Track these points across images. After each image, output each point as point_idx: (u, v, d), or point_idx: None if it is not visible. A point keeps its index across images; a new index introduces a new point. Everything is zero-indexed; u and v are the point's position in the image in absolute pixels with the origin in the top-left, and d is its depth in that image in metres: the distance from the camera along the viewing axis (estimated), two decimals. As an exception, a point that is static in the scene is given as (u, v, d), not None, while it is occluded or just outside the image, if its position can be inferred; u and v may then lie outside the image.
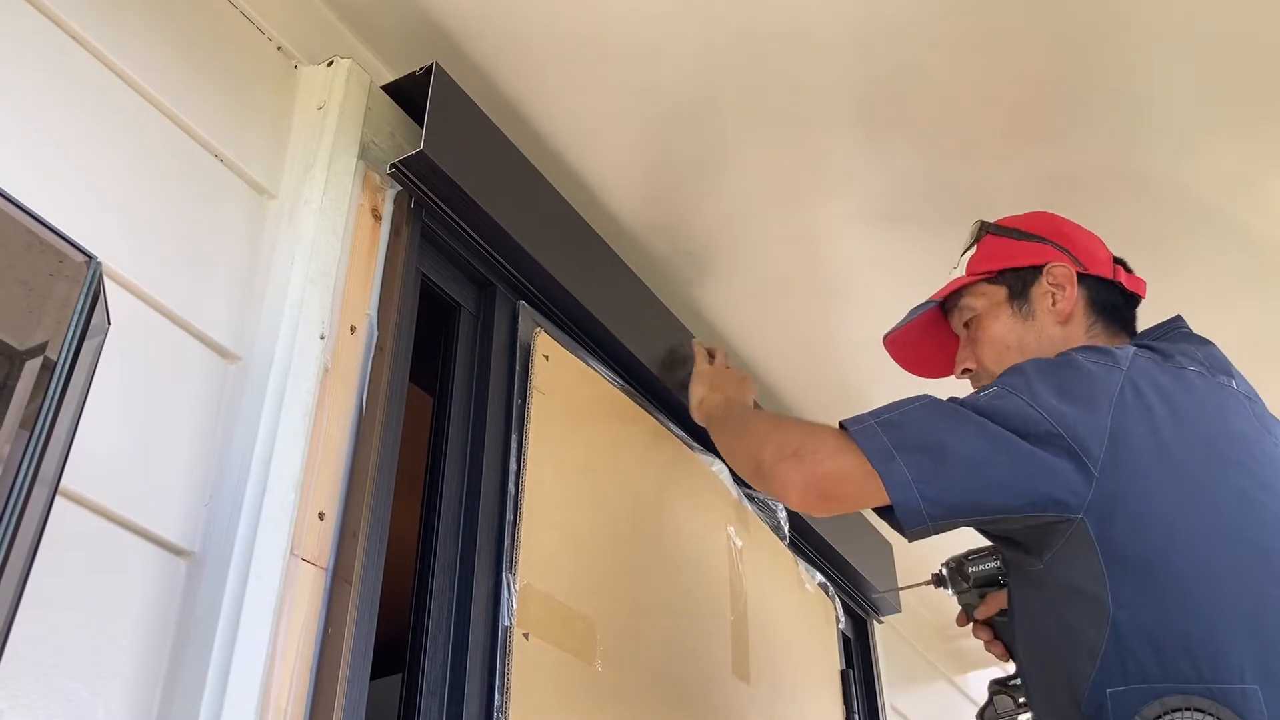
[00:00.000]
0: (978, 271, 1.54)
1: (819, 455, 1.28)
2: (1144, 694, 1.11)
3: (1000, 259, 1.53)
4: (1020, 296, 1.50)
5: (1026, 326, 1.48)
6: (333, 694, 1.19)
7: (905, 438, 1.23)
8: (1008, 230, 1.57)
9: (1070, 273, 1.48)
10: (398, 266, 1.54)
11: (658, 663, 1.77)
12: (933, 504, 1.20)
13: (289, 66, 1.59)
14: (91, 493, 1.10)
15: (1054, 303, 1.47)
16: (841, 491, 1.27)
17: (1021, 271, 1.51)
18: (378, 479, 1.38)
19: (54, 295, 0.90)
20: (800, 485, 1.29)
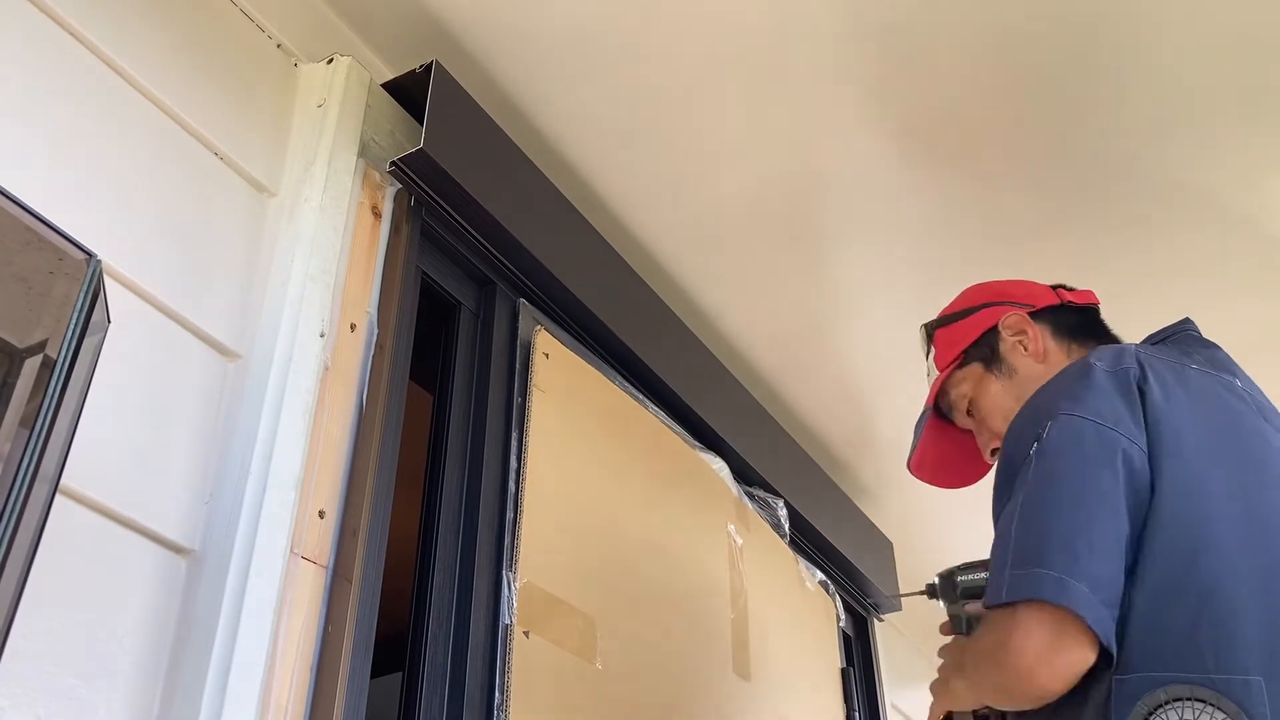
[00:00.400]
0: (946, 363, 1.60)
1: (1015, 638, 1.16)
2: (1148, 682, 1.11)
3: (957, 343, 1.60)
4: (994, 361, 1.55)
5: (1015, 382, 1.52)
6: (333, 691, 1.19)
7: (1040, 556, 1.16)
8: (949, 318, 1.64)
9: (1021, 316, 1.54)
10: (398, 264, 1.54)
11: (658, 660, 1.77)
12: (1093, 591, 1.15)
13: (289, 64, 1.59)
14: (92, 490, 1.10)
15: (1025, 349, 1.53)
16: (1058, 656, 1.14)
17: (981, 341, 1.57)
18: (378, 477, 1.38)
19: (54, 293, 0.90)
20: (1024, 676, 1.16)
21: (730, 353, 2.44)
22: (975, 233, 2.14)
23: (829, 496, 2.68)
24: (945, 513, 3.08)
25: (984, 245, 2.15)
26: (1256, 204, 2.07)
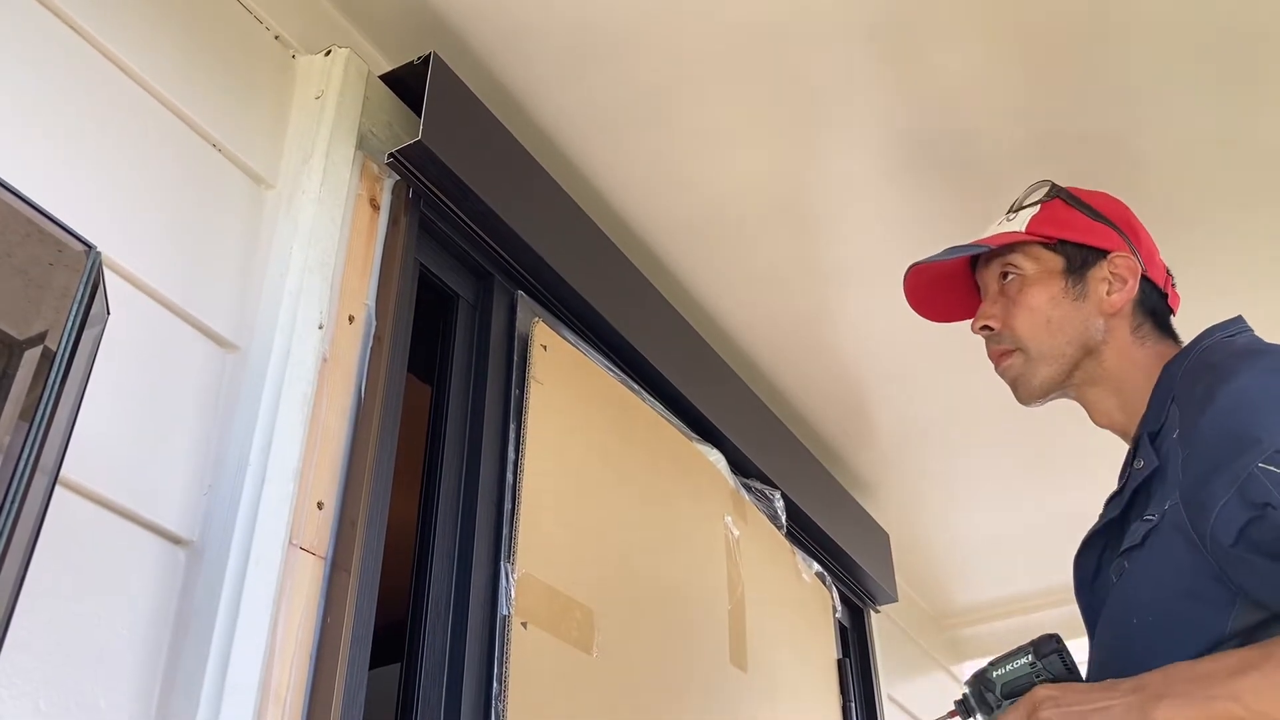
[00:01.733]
0: (1039, 233, 1.43)
1: None
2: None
3: (1066, 229, 1.43)
4: (1076, 274, 1.41)
5: (1073, 306, 1.40)
6: (332, 682, 1.20)
7: None
8: (1079, 202, 1.47)
9: (1135, 267, 1.40)
10: (396, 256, 1.54)
11: (655, 651, 1.77)
12: None
13: (287, 56, 1.59)
14: (91, 482, 1.10)
15: (1109, 292, 1.40)
16: None
17: (1084, 249, 1.42)
18: (376, 468, 1.38)
19: (53, 285, 0.90)
20: None
21: (728, 345, 2.44)
22: (974, 225, 2.14)
23: (826, 488, 2.69)
24: (941, 504, 3.09)
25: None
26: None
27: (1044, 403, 1.43)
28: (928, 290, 1.54)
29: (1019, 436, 2.72)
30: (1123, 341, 1.39)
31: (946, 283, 1.54)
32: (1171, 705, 1.08)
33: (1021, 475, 2.91)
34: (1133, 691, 1.12)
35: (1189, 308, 1.48)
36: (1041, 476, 2.88)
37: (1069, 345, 1.39)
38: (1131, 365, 1.37)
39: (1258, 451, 1.11)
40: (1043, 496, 2.98)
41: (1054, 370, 1.39)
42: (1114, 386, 1.37)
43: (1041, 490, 2.95)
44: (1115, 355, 1.38)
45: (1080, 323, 1.39)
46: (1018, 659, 1.26)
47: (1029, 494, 2.99)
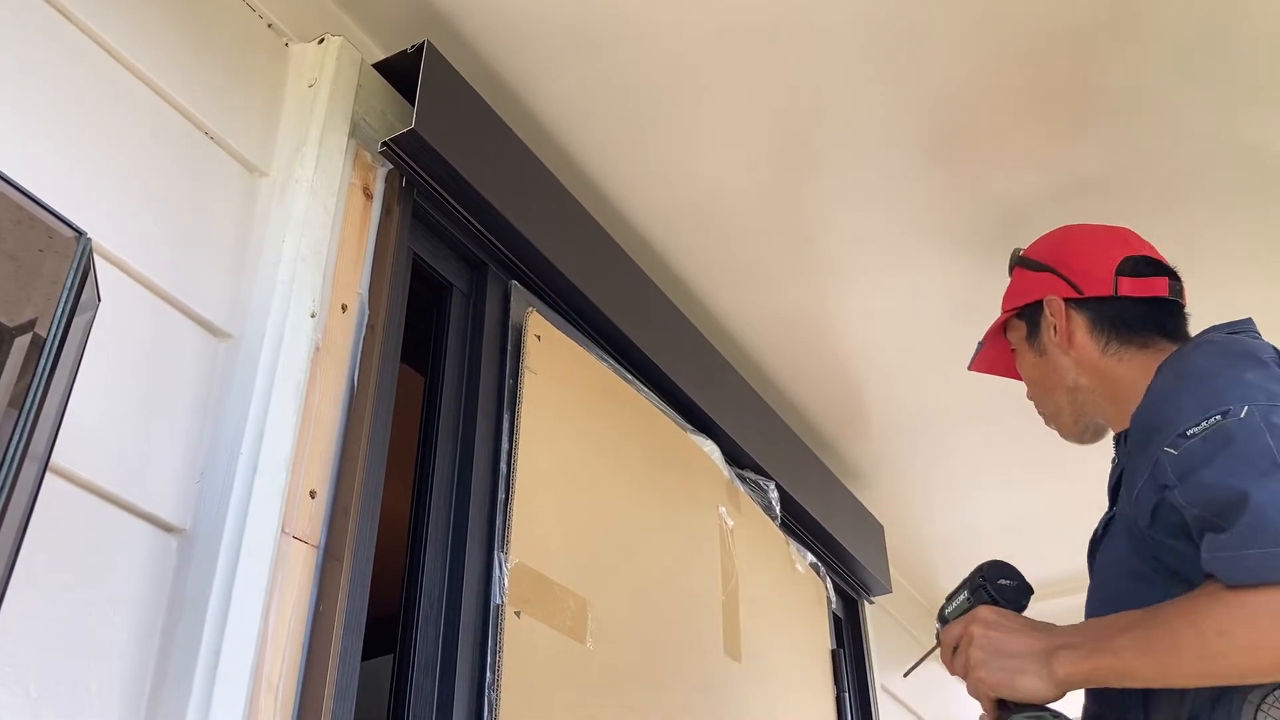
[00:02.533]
0: (1006, 309, 1.59)
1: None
2: None
3: (1015, 297, 1.58)
4: (1034, 334, 1.54)
5: (1043, 361, 1.52)
6: (324, 670, 1.20)
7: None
8: (1027, 261, 1.60)
9: (1058, 305, 1.50)
10: (389, 245, 1.54)
11: (649, 641, 1.77)
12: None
13: (280, 44, 1.58)
14: (82, 469, 1.10)
15: (1055, 334, 1.49)
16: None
17: (1030, 308, 1.55)
18: (369, 457, 1.38)
19: (43, 271, 0.89)
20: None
21: (722, 336, 2.44)
22: (970, 217, 2.14)
23: (820, 479, 2.69)
24: (936, 495, 3.09)
25: (977, 229, 2.16)
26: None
27: (1098, 439, 1.53)
28: (1000, 363, 1.68)
29: (1014, 427, 2.72)
30: (1096, 365, 1.46)
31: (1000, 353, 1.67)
32: (1068, 657, 1.22)
33: (1016, 466, 2.91)
34: (1045, 638, 1.25)
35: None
36: (1036, 467, 2.88)
37: (1059, 395, 1.50)
38: (1115, 382, 1.43)
39: (1166, 434, 1.18)
40: (1037, 487, 2.98)
41: (1064, 420, 1.52)
42: (1111, 402, 1.45)
43: (1036, 481, 2.96)
44: (1096, 380, 1.46)
45: (1054, 373, 1.50)
46: (958, 596, 1.42)
47: (1023, 485, 2.99)
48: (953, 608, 1.43)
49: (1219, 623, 1.10)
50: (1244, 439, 1.13)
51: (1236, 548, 1.09)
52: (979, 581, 1.41)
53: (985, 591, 1.39)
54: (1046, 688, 1.24)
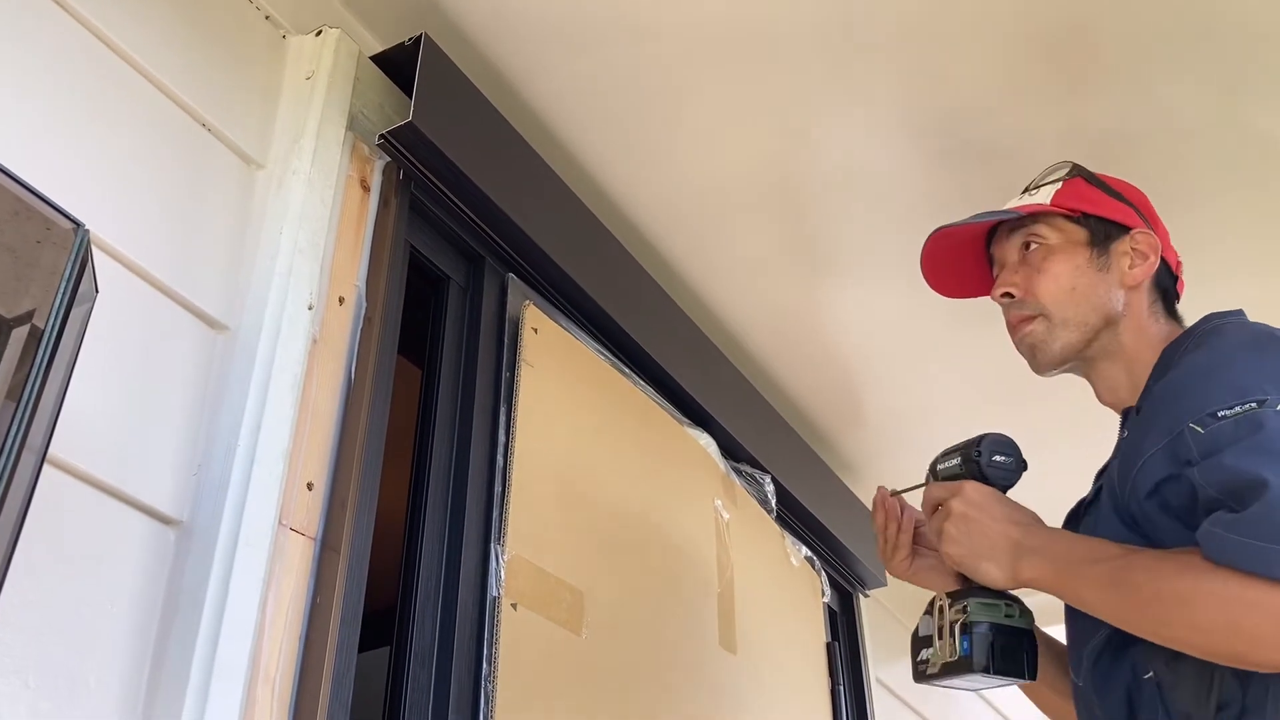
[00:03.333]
0: (1064, 206, 1.48)
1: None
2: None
3: (1089, 204, 1.48)
4: (1100, 246, 1.46)
5: (1097, 277, 1.44)
6: (321, 662, 1.20)
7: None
8: (1099, 182, 1.52)
9: (1156, 244, 1.45)
10: (386, 238, 1.54)
11: (645, 634, 1.78)
12: None
13: (277, 36, 1.58)
14: (79, 461, 1.10)
15: (1130, 266, 1.44)
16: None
17: (1107, 224, 1.46)
18: (366, 450, 1.38)
19: (41, 263, 0.89)
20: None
21: (719, 330, 2.44)
22: (965, 210, 2.14)
23: (816, 473, 2.70)
24: (931, 490, 3.10)
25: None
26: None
27: (1058, 373, 1.47)
28: (941, 262, 1.57)
29: (1009, 420, 2.71)
30: (1140, 316, 1.43)
31: (957, 257, 1.57)
32: (1034, 563, 1.26)
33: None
34: (1020, 534, 1.30)
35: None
36: (1030, 459, 2.88)
37: (1092, 314, 1.43)
38: (1145, 341, 1.41)
39: (1192, 411, 1.16)
40: (1030, 479, 2.98)
41: (1075, 337, 1.43)
42: (1126, 361, 1.41)
43: (1030, 473, 2.96)
44: (1132, 329, 1.42)
45: (1103, 293, 1.43)
46: (953, 458, 1.44)
47: (1018, 479, 3.00)
48: (944, 468, 1.46)
49: (1184, 593, 1.12)
50: (1276, 429, 1.12)
51: (1239, 532, 1.09)
52: (974, 454, 1.42)
53: (977, 466, 1.41)
54: (1005, 581, 1.30)
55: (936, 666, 1.35)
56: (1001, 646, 1.32)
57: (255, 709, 1.13)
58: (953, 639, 1.33)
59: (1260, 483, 1.09)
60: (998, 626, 1.32)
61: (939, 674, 1.35)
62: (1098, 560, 1.21)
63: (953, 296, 1.62)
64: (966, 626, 1.32)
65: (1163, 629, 1.16)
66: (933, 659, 1.36)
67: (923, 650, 1.39)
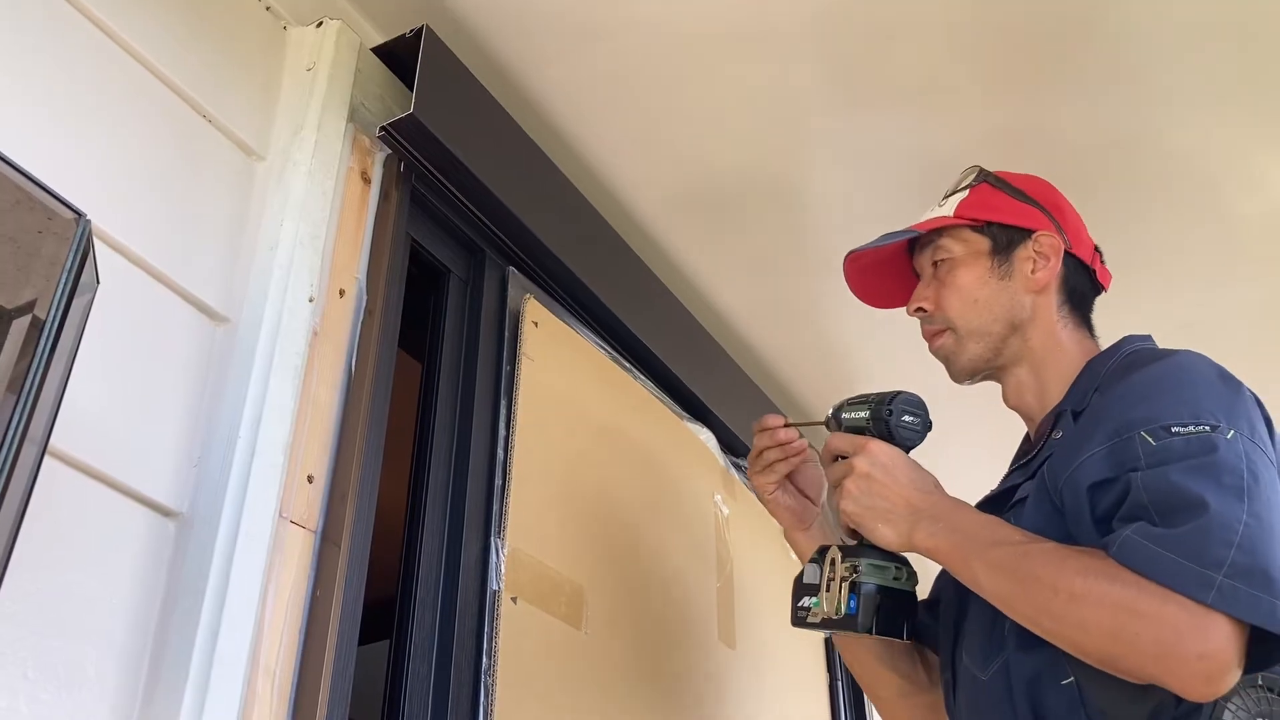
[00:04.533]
0: (966, 216, 1.50)
1: (1211, 641, 1.09)
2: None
3: (992, 211, 1.49)
4: (1002, 254, 1.47)
5: (1000, 286, 1.46)
6: (321, 654, 1.20)
7: (1270, 584, 1.09)
8: (1005, 185, 1.53)
9: (1058, 245, 1.46)
10: (387, 230, 1.54)
11: (644, 628, 1.78)
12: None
13: (278, 27, 1.58)
14: (80, 453, 1.10)
15: (1033, 270, 1.46)
16: (1229, 658, 1.09)
17: (1009, 230, 1.48)
18: (367, 442, 1.38)
19: (42, 253, 0.89)
20: (1213, 679, 1.10)
21: (718, 324, 2.44)
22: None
23: (815, 468, 2.69)
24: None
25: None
26: (1245, 184, 2.08)
27: (974, 382, 1.51)
28: (870, 277, 1.61)
29: (1004, 418, 2.72)
30: (1049, 320, 1.45)
31: (889, 270, 1.60)
32: (930, 532, 1.28)
33: (1007, 457, 2.92)
34: (920, 501, 1.32)
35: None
36: (1029, 458, 2.89)
37: (996, 323, 1.45)
38: (1056, 345, 1.43)
39: (1146, 421, 1.18)
40: (1030, 478, 2.99)
41: (982, 347, 1.46)
42: (1034, 365, 1.44)
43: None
44: (1041, 333, 1.45)
45: (1007, 300, 1.45)
46: (860, 409, 1.45)
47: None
48: (850, 418, 1.46)
49: (1079, 591, 1.13)
50: (1226, 457, 1.14)
51: (1164, 545, 1.10)
52: (885, 412, 1.42)
53: (886, 425, 1.41)
54: (900, 544, 1.32)
55: (818, 617, 1.37)
56: (886, 609, 1.34)
57: (255, 701, 1.13)
58: (839, 595, 1.35)
59: (1200, 504, 1.11)
60: (885, 589, 1.34)
61: (819, 624, 1.38)
62: (998, 543, 1.22)
63: (882, 307, 1.65)
64: (855, 586, 1.34)
65: (1045, 619, 1.17)
66: (815, 608, 1.38)
67: (806, 597, 1.41)
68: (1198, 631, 1.08)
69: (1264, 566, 1.09)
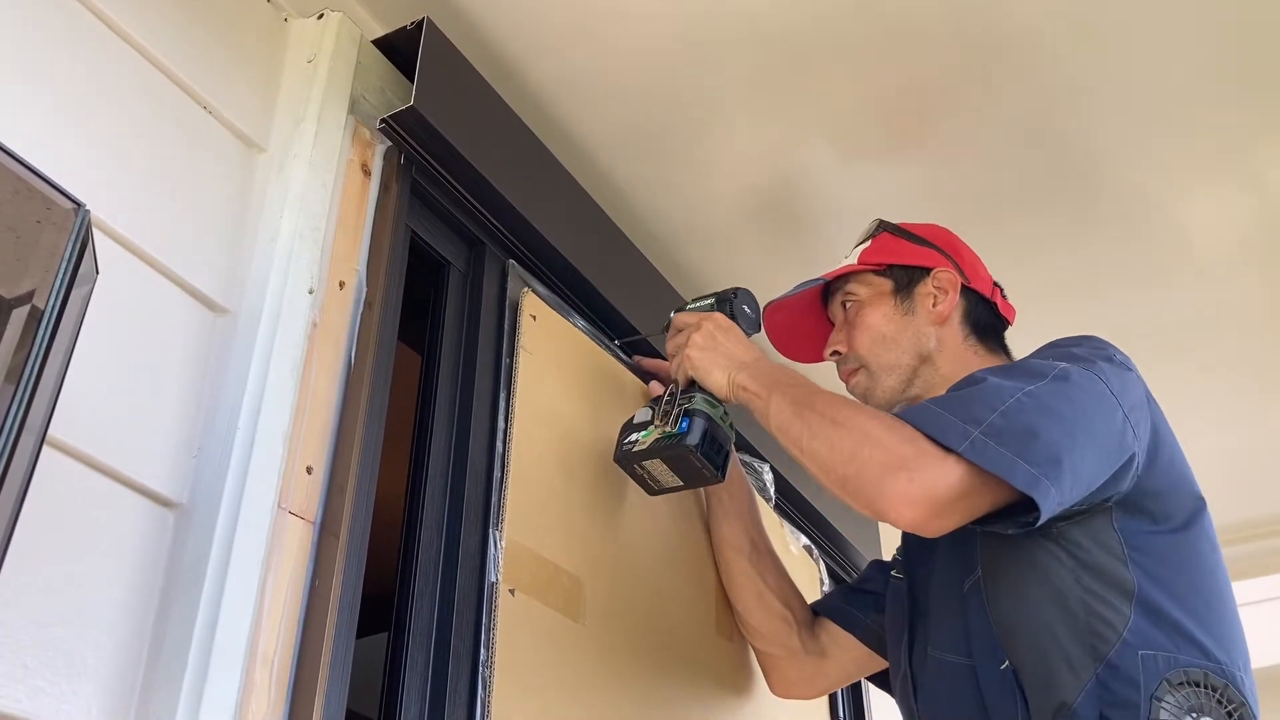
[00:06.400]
0: (869, 262, 1.63)
1: (931, 473, 1.21)
2: (1168, 661, 1.21)
3: (891, 255, 1.63)
4: (904, 292, 1.60)
5: (904, 321, 1.58)
6: (320, 645, 1.20)
7: (1033, 453, 1.21)
8: (903, 231, 1.66)
9: (955, 279, 1.58)
10: (387, 222, 1.54)
11: (642, 620, 1.78)
12: (1064, 503, 1.23)
13: (279, 19, 1.58)
14: (79, 443, 1.10)
15: (934, 304, 1.57)
16: (957, 509, 1.23)
17: (909, 270, 1.61)
18: (366, 434, 1.38)
19: (41, 243, 0.89)
20: (915, 504, 1.21)
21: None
22: (958, 205, 2.14)
23: (814, 462, 2.69)
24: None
25: (970, 217, 2.16)
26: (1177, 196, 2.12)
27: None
28: (789, 327, 1.75)
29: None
30: (955, 348, 1.58)
31: (806, 319, 1.74)
32: (748, 375, 1.52)
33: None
34: (746, 354, 1.56)
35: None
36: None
37: (904, 355, 1.57)
38: (964, 369, 1.51)
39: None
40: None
41: (894, 380, 1.58)
42: (947, 387, 1.50)
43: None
44: (950, 360, 1.56)
45: (912, 334, 1.58)
46: (706, 300, 1.72)
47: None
48: (694, 305, 1.72)
49: (844, 419, 1.31)
50: (1034, 363, 1.35)
51: (938, 405, 1.27)
52: (729, 296, 1.69)
53: (729, 306, 1.68)
54: (725, 387, 1.55)
55: (645, 444, 1.57)
56: (713, 438, 1.56)
57: (253, 690, 1.13)
58: (672, 419, 1.57)
59: (981, 380, 1.29)
60: (714, 422, 1.56)
61: (644, 452, 1.58)
62: (798, 385, 1.44)
63: (804, 362, 1.77)
64: (689, 412, 1.56)
65: (805, 437, 1.35)
66: (642, 439, 1.58)
67: (633, 434, 1.61)
68: (925, 465, 1.21)
69: (1020, 430, 1.21)
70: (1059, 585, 1.28)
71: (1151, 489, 1.32)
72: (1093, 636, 1.24)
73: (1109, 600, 1.25)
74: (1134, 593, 1.25)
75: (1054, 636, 1.26)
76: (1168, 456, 1.35)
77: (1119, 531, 1.29)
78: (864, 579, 1.85)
